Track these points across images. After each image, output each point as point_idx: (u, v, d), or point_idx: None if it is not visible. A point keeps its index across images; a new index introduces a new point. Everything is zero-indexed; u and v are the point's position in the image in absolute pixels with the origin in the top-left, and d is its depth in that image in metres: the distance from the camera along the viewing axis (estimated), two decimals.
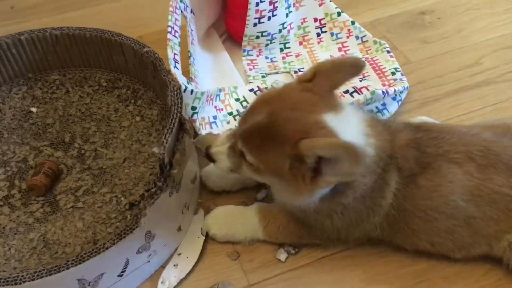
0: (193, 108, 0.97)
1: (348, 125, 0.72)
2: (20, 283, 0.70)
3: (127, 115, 1.01)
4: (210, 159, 0.80)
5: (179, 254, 0.86)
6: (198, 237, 0.88)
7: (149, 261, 0.82)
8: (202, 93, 0.96)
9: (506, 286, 0.82)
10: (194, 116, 0.98)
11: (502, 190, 0.75)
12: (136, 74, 1.04)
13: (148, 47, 0.96)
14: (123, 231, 0.75)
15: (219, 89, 1.06)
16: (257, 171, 0.74)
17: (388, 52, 1.17)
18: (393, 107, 1.08)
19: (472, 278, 0.83)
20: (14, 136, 0.99)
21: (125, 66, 1.04)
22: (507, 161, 0.76)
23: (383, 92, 1.02)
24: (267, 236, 0.86)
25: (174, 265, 0.85)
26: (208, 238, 0.88)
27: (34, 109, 1.03)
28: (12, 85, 1.06)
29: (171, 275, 0.84)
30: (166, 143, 0.78)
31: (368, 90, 1.02)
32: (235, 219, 0.87)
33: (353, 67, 0.74)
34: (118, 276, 0.79)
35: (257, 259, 0.86)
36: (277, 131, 0.69)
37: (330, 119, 0.70)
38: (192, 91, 0.94)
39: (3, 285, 0.70)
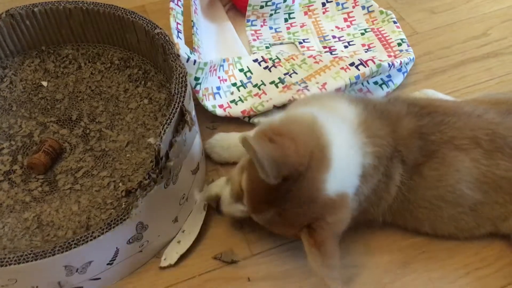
0: (196, 78, 0.96)
1: (345, 168, 0.71)
2: (5, 265, 0.70)
3: (136, 97, 0.98)
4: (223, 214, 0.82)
5: (183, 231, 0.86)
6: (201, 213, 0.87)
7: (141, 251, 0.81)
8: (205, 64, 0.95)
9: (506, 258, 0.82)
10: (197, 87, 0.97)
11: (508, 175, 0.75)
12: (148, 54, 1.01)
13: (160, 28, 0.93)
14: (113, 221, 0.73)
15: (223, 60, 1.05)
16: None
17: (395, 22, 1.16)
18: (398, 79, 1.07)
19: (473, 250, 0.83)
20: (23, 110, 0.98)
21: (137, 46, 1.01)
22: None
23: (389, 64, 1.00)
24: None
25: (178, 242, 0.85)
26: (210, 209, 0.87)
27: (45, 83, 1.02)
28: (25, 56, 1.05)
29: (173, 251, 0.84)
30: (164, 134, 0.75)
31: (374, 62, 1.00)
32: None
33: None
34: (108, 264, 0.77)
35: (259, 230, 0.85)
36: (291, 223, 0.71)
37: (329, 186, 0.69)
38: (195, 61, 0.92)
39: None
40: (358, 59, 1.01)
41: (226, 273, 0.82)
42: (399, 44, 1.11)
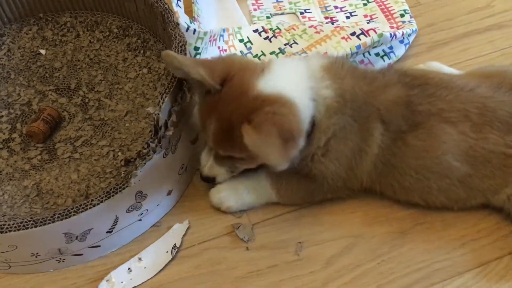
0: (196, 48, 0.95)
1: (282, 76, 0.74)
2: (6, 232, 0.70)
3: (135, 66, 0.97)
4: (209, 180, 0.82)
5: (139, 259, 0.80)
6: (167, 251, 0.81)
7: (140, 220, 0.81)
8: (205, 33, 0.94)
9: (503, 229, 0.82)
10: (197, 57, 0.97)
11: (497, 149, 0.75)
12: (147, 23, 0.99)
13: None
14: (112, 190, 0.73)
15: (223, 30, 1.04)
16: (248, 159, 0.76)
17: None
18: (400, 51, 1.06)
19: (470, 222, 0.84)
20: (21, 78, 0.97)
21: (136, 14, 0.99)
22: (503, 117, 0.75)
23: (390, 34, 0.99)
24: (281, 199, 0.85)
25: (128, 269, 0.79)
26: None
27: (43, 51, 1.01)
28: (23, 24, 1.03)
29: (119, 278, 0.78)
30: (162, 103, 0.74)
31: (375, 32, 0.99)
32: (245, 188, 0.85)
33: None
34: (107, 232, 0.78)
35: None
36: (231, 127, 0.71)
37: (264, 85, 0.72)
38: (194, 30, 0.91)
39: None
40: (359, 29, 0.99)
41: (225, 242, 0.83)
42: (402, 15, 1.10)
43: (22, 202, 0.81)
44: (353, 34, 0.99)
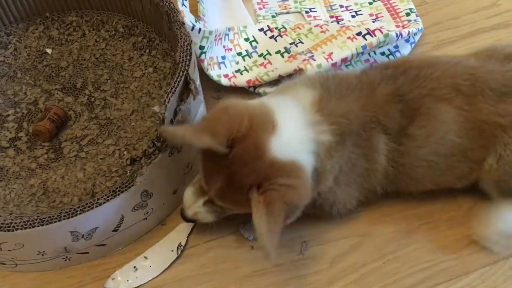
0: (201, 47, 0.95)
1: (291, 136, 0.69)
2: (13, 230, 0.71)
3: (140, 65, 0.98)
4: (190, 221, 0.79)
5: (144, 258, 0.81)
6: (172, 250, 0.81)
7: (146, 218, 0.82)
8: (210, 32, 0.94)
9: None
10: (202, 56, 0.97)
11: (489, 119, 0.74)
12: (153, 22, 1.00)
13: None
14: (118, 189, 0.74)
15: (228, 29, 1.04)
16: (245, 211, 0.71)
17: None
18: (406, 50, 1.05)
19: (476, 221, 0.82)
20: (27, 77, 0.98)
21: (142, 13, 1.00)
22: (494, 85, 0.74)
23: (396, 34, 0.99)
24: None
25: (134, 268, 0.80)
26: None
27: (49, 50, 1.01)
28: (29, 23, 1.04)
29: (125, 276, 0.79)
30: (168, 102, 0.75)
31: (381, 32, 0.98)
32: None
33: None
34: (113, 231, 0.79)
35: None
36: (240, 189, 0.68)
37: (275, 147, 0.67)
38: (200, 29, 0.92)
39: None
40: (365, 29, 0.99)
41: (230, 241, 0.83)
42: (408, 14, 1.09)
43: (28, 201, 0.81)
44: (359, 34, 0.99)
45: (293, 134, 0.70)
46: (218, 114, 0.69)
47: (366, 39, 0.98)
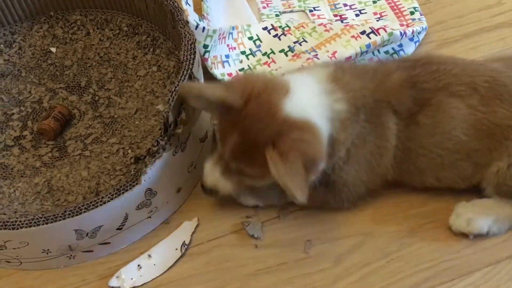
0: (205, 46, 0.95)
1: (304, 98, 0.72)
2: (17, 228, 0.71)
3: (144, 64, 0.98)
4: (211, 193, 0.80)
5: (148, 256, 0.81)
6: (176, 249, 0.81)
7: (150, 217, 0.82)
8: (214, 31, 0.95)
9: None
10: (206, 55, 0.97)
11: (503, 123, 0.74)
12: (157, 21, 1.00)
13: None
14: (122, 187, 0.74)
15: (232, 27, 1.04)
16: (260, 177, 0.74)
17: None
18: (410, 48, 1.05)
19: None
20: (32, 76, 0.98)
21: (146, 12, 1.00)
22: None
23: (400, 33, 0.98)
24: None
25: (138, 266, 0.80)
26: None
27: (53, 49, 1.02)
28: (33, 22, 1.04)
29: (129, 275, 0.79)
30: (172, 101, 0.75)
31: (385, 31, 0.98)
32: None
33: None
34: (117, 229, 0.79)
35: None
36: (255, 143, 0.69)
37: (288, 106, 0.70)
38: (204, 28, 0.92)
39: (0, 229, 0.71)
40: (369, 28, 0.99)
41: (234, 239, 0.83)
42: (412, 13, 1.09)
43: (33, 199, 0.82)
44: (363, 33, 0.99)
45: (308, 99, 0.72)
46: (235, 78, 0.76)
47: (370, 38, 0.98)
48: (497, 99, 0.74)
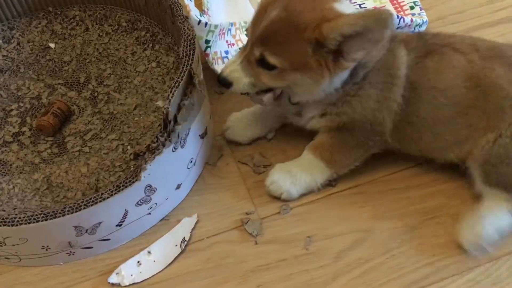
0: (207, 41, 0.95)
1: (351, 8, 0.76)
2: (17, 225, 0.71)
3: (144, 60, 0.97)
4: (225, 83, 0.79)
5: (148, 252, 0.81)
6: (176, 245, 0.81)
7: (149, 213, 0.82)
8: (216, 26, 0.95)
9: None
10: (208, 50, 0.97)
11: (498, 81, 0.77)
12: (156, 16, 0.99)
13: None
14: (121, 183, 0.74)
15: (231, 24, 1.04)
16: (279, 74, 0.75)
17: None
18: None
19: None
20: (30, 72, 0.98)
21: (145, 7, 0.99)
22: None
23: (398, 16, 0.99)
24: (329, 165, 0.84)
25: (138, 262, 0.80)
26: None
27: (52, 45, 1.01)
28: (32, 17, 1.04)
29: (129, 271, 0.79)
30: (172, 97, 0.74)
31: None
32: (296, 166, 0.85)
33: None
34: (117, 225, 0.79)
35: (267, 194, 0.86)
36: (296, 20, 0.71)
37: (339, 6, 0.73)
38: (206, 23, 0.92)
39: None
40: None
41: (234, 236, 0.83)
42: (412, 8, 1.09)
43: (32, 196, 0.81)
44: None
45: (350, 10, 0.75)
46: None
47: None
48: (497, 58, 0.78)
